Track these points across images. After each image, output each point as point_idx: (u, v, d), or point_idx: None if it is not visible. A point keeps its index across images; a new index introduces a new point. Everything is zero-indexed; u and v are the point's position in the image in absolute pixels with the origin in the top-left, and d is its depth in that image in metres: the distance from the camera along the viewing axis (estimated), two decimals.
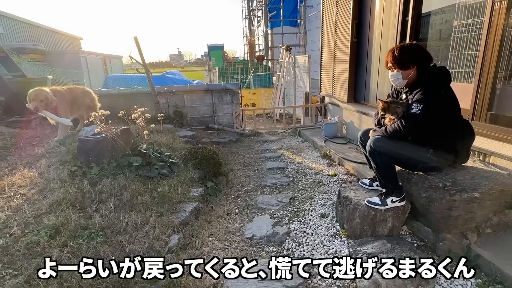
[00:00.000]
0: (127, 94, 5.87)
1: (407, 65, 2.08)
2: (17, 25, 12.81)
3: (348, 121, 4.95)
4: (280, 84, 7.80)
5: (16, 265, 1.76)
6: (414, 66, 2.08)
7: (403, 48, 2.10)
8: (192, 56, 66.67)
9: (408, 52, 2.08)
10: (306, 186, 3.41)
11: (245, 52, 16.75)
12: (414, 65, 2.07)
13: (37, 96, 3.74)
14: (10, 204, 2.30)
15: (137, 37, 5.29)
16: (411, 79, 2.12)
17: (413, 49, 2.10)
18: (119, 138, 3.01)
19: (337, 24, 4.99)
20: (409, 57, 2.07)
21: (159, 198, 2.67)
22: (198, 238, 2.37)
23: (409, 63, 2.08)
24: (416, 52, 2.09)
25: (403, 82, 2.15)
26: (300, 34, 11.83)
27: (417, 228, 2.30)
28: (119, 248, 2.04)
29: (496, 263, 1.85)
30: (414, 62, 2.07)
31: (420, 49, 2.12)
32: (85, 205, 2.41)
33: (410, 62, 2.07)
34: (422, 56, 2.08)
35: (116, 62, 18.71)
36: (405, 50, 2.09)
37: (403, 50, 2.09)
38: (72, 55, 13.49)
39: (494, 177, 2.09)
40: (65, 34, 17.69)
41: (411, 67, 2.08)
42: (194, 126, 6.04)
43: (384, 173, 2.21)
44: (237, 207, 3.00)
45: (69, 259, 1.84)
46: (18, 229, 2.03)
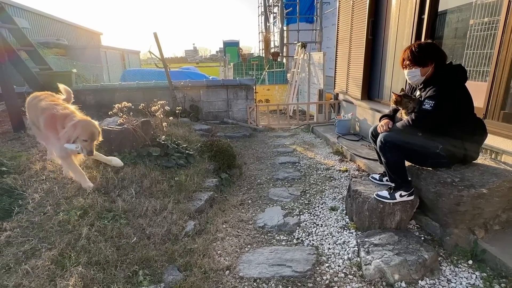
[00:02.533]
0: (146, 88, 6.07)
1: (425, 62, 2.12)
2: (41, 20, 13.32)
3: (361, 118, 4.98)
4: (294, 80, 7.85)
5: (50, 240, 1.95)
6: (432, 63, 2.12)
7: (420, 46, 2.14)
8: (207, 52, 67.22)
9: (426, 50, 2.12)
10: (317, 180, 3.49)
11: (260, 48, 16.81)
12: (432, 62, 2.11)
13: (94, 135, 2.46)
14: (42, 187, 2.50)
15: (156, 33, 5.47)
16: (428, 76, 2.17)
17: (430, 47, 2.14)
18: (139, 129, 3.19)
19: (352, 21, 5.00)
20: (427, 54, 2.11)
21: (176, 187, 2.83)
22: (212, 225, 2.51)
23: (427, 60, 2.11)
24: (434, 49, 2.13)
25: (420, 79, 2.19)
26: (316, 31, 11.77)
27: (425, 222, 2.35)
28: (140, 230, 2.21)
29: (501, 258, 1.89)
30: (432, 59, 2.11)
31: (436, 47, 2.16)
32: (109, 190, 2.59)
33: (428, 60, 2.11)
34: (439, 54, 2.13)
35: (134, 57, 19.16)
36: (423, 48, 2.13)
37: (421, 48, 2.13)
38: (93, 50, 13.93)
39: (503, 174, 2.12)
40: (85, 29, 18.24)
41: (429, 64, 2.12)
42: (209, 120, 6.20)
43: (393, 167, 2.27)
44: (249, 198, 3.12)
45: (96, 236, 2.01)
46: (51, 208, 2.22)
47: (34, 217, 2.13)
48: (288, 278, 1.92)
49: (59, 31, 14.64)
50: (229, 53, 18.93)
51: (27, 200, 2.33)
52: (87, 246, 1.92)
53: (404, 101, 2.23)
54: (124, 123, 3.20)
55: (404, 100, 2.23)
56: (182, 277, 1.87)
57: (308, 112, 6.74)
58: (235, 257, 2.15)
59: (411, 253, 1.95)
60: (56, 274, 1.70)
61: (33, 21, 12.69)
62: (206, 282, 1.87)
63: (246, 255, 2.17)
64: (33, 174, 2.72)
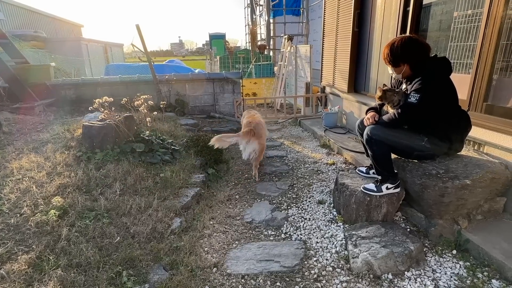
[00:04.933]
0: (129, 82, 5.90)
1: (397, 64, 2.16)
2: (17, 11, 12.71)
3: (348, 111, 5.00)
4: (281, 74, 7.80)
5: (27, 242, 1.86)
6: (405, 64, 2.14)
7: (393, 48, 2.12)
8: (193, 45, 66.02)
9: (398, 52, 2.11)
10: (305, 174, 3.49)
11: (247, 41, 16.61)
12: (405, 63, 2.13)
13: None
14: (19, 186, 2.39)
15: (139, 25, 5.29)
16: (406, 73, 2.19)
17: (404, 48, 2.09)
18: (122, 124, 3.08)
19: (339, 13, 4.98)
20: (399, 57, 2.12)
21: (161, 183, 2.76)
22: (199, 222, 2.46)
23: (399, 62, 2.14)
24: (407, 50, 2.09)
25: (398, 76, 2.25)
26: (303, 24, 11.71)
27: (410, 214, 2.38)
28: (124, 229, 2.14)
29: (484, 247, 1.94)
30: (404, 61, 2.13)
31: (413, 45, 2.09)
32: (91, 188, 2.50)
33: (400, 61, 2.14)
34: (414, 53, 2.10)
35: (117, 50, 18.61)
36: (395, 51, 2.11)
37: (392, 51, 2.13)
38: (73, 43, 13.42)
39: (486, 165, 2.16)
40: (65, 21, 17.55)
41: (401, 65, 2.15)
42: (195, 114, 6.09)
43: (380, 160, 2.28)
44: (237, 193, 3.08)
45: (77, 237, 1.94)
46: (28, 209, 2.12)
47: (10, 219, 2.03)
48: (276, 274, 1.91)
49: (37, 23, 14.01)
50: (216, 46, 18.63)
51: (2, 201, 2.21)
52: (67, 247, 1.85)
53: (388, 95, 2.23)
54: (106, 118, 3.09)
55: (388, 94, 2.23)
56: (168, 276, 1.82)
57: (296, 105, 6.72)
58: (223, 254, 2.12)
59: (398, 245, 1.96)
60: (33, 278, 1.63)
61: (9, 12, 12.07)
62: (193, 280, 1.83)
63: (233, 252, 2.14)
64: (8, 173, 2.59)
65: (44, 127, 4.09)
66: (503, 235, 2.02)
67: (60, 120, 4.53)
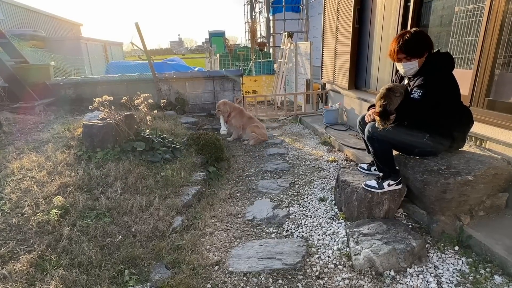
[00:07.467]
0: (129, 80, 5.89)
1: (422, 52, 2.07)
2: (16, 10, 12.67)
3: (348, 108, 4.98)
4: (281, 71, 7.78)
5: (29, 242, 1.86)
6: (427, 52, 2.08)
7: (416, 36, 2.05)
8: (193, 43, 65.84)
9: (421, 40, 2.06)
10: (306, 171, 3.48)
11: (247, 38, 16.57)
12: (427, 50, 2.07)
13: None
14: (20, 186, 2.39)
15: (138, 23, 5.27)
16: (415, 69, 2.12)
17: (423, 36, 2.07)
18: (122, 123, 3.08)
19: (339, 10, 4.95)
20: (423, 45, 2.06)
21: (162, 182, 2.76)
22: (201, 220, 2.46)
23: (424, 50, 2.07)
24: (426, 38, 2.08)
25: (417, 69, 2.13)
26: (302, 20, 11.65)
27: (412, 210, 2.37)
28: (126, 228, 2.14)
29: (486, 243, 1.93)
30: (427, 48, 2.07)
31: (426, 34, 2.12)
32: (92, 187, 2.50)
33: (425, 49, 2.07)
34: (430, 41, 2.09)
35: (117, 48, 18.57)
36: (419, 39, 2.05)
37: (417, 38, 2.05)
38: (72, 42, 13.37)
39: (488, 161, 2.15)
40: (65, 20, 17.50)
41: (425, 53, 2.08)
42: (195, 112, 6.08)
43: (381, 157, 2.26)
44: (238, 191, 3.08)
45: (78, 237, 1.94)
46: (29, 209, 2.12)
47: (11, 219, 2.03)
48: (278, 271, 1.90)
49: (36, 22, 13.97)
50: (215, 43, 18.57)
51: (4, 201, 2.21)
52: (69, 247, 1.85)
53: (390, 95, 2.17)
54: (106, 117, 3.08)
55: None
56: (170, 275, 1.82)
57: (296, 102, 6.70)
58: (224, 252, 2.11)
59: (400, 242, 1.96)
60: (36, 278, 1.63)
61: (8, 12, 12.04)
62: (195, 279, 1.83)
63: (235, 249, 2.14)
64: (9, 173, 2.59)
65: (44, 127, 4.09)
66: (505, 231, 2.01)
67: (60, 120, 4.52)
